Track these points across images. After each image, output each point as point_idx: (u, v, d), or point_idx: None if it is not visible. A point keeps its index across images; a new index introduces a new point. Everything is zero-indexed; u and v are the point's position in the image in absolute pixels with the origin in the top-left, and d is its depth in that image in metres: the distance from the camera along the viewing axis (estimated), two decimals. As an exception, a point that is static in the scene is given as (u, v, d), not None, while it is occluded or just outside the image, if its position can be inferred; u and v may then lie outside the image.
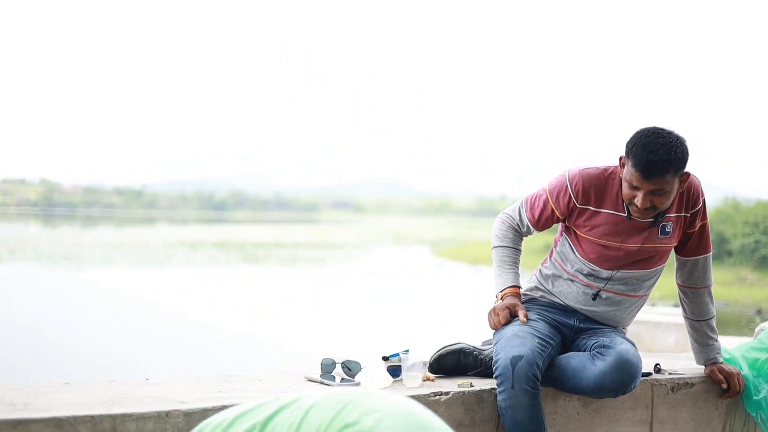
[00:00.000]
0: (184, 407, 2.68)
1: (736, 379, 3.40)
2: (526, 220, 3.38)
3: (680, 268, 3.42)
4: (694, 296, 3.41)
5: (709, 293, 3.41)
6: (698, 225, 3.32)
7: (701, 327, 3.42)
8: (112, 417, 2.59)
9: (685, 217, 3.28)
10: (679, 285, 3.43)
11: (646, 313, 11.75)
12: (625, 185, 3.13)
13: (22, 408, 2.58)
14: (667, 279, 3.49)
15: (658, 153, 3.03)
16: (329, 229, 74.43)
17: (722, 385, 3.41)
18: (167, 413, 2.64)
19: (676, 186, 3.11)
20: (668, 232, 3.25)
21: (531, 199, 3.37)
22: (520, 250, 3.42)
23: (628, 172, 3.10)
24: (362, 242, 54.87)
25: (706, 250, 3.38)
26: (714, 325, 3.44)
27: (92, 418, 2.57)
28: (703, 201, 3.33)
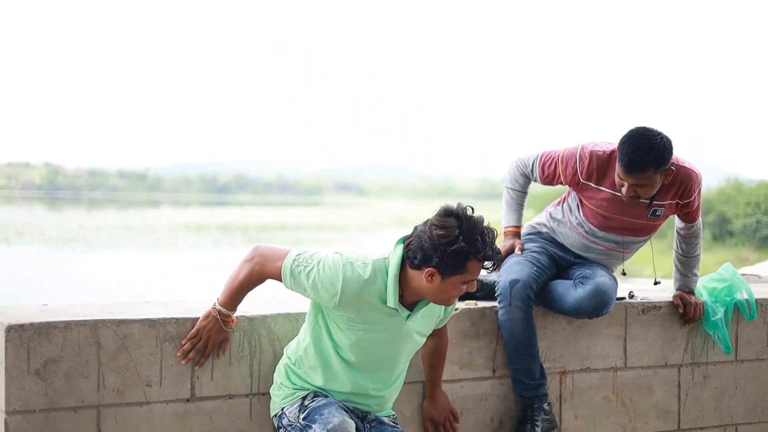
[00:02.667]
0: (249, 313, 3.36)
1: (692, 308, 4.06)
2: (536, 173, 3.95)
3: (680, 224, 3.98)
4: (688, 240, 3.99)
5: (700, 241, 4.02)
6: (694, 207, 3.86)
7: (688, 261, 4.02)
8: (192, 319, 3.27)
9: (678, 203, 3.82)
10: (678, 233, 3.99)
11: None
12: (615, 175, 3.73)
13: (121, 314, 3.26)
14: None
15: (640, 153, 3.55)
16: (332, 212, 74.85)
17: (679, 310, 4.07)
18: (242, 316, 3.31)
19: (658, 180, 3.63)
20: (659, 215, 3.85)
21: (545, 157, 3.90)
22: (527, 193, 4.02)
23: (616, 166, 3.68)
24: (366, 225, 55.34)
25: (697, 217, 3.94)
26: (698, 265, 4.07)
27: (177, 320, 3.25)
28: (698, 191, 3.83)
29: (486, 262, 2.98)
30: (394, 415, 3.33)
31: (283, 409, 3.18)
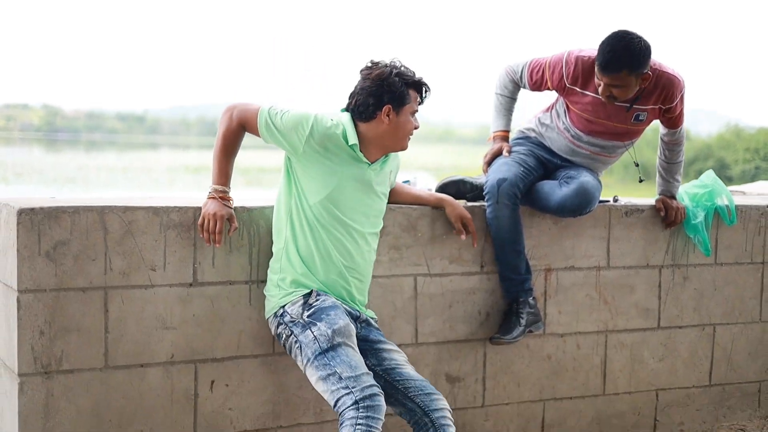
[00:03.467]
0: (248, 204, 3.53)
1: (673, 211, 4.23)
2: (525, 79, 4.08)
3: (663, 131, 4.13)
4: (672, 147, 4.14)
5: (683, 148, 4.17)
6: (677, 112, 4.00)
7: (670, 168, 4.17)
8: (194, 208, 3.44)
9: (661, 108, 3.96)
10: (662, 139, 4.15)
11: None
12: (595, 76, 3.89)
13: (128, 199, 3.43)
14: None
15: (616, 53, 3.69)
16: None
17: (660, 213, 4.24)
18: (234, 208, 3.47)
19: (633, 82, 3.74)
20: (641, 120, 4.01)
21: (533, 64, 4.02)
22: (516, 99, 4.15)
23: (595, 65, 3.84)
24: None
25: (680, 124, 4.08)
26: (680, 171, 4.21)
27: (180, 208, 3.42)
28: (681, 97, 3.95)
29: (422, 89, 3.37)
30: (375, 317, 3.53)
31: (284, 306, 3.32)
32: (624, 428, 4.30)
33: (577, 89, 3.91)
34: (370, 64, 3.37)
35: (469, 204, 3.94)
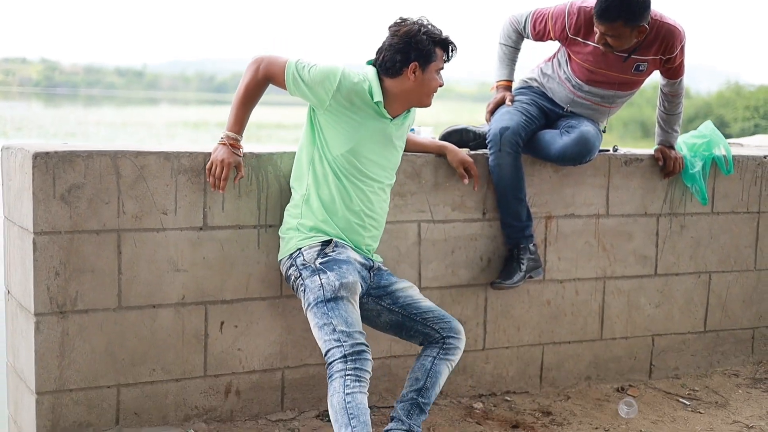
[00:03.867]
0: (256, 151, 3.61)
1: (672, 161, 4.31)
2: (528, 29, 4.14)
3: (663, 81, 4.19)
4: (671, 99, 4.21)
5: (682, 100, 4.24)
6: (677, 63, 4.06)
7: (669, 118, 4.25)
8: (204, 154, 3.52)
9: (661, 59, 4.02)
10: (661, 90, 4.22)
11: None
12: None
13: (138, 146, 3.51)
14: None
15: (613, 3, 3.74)
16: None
17: (659, 163, 4.33)
18: (244, 154, 3.56)
19: (628, 34, 3.80)
20: (642, 70, 4.08)
21: (537, 14, 4.08)
22: (519, 49, 4.21)
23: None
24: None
25: (681, 74, 4.16)
26: (679, 122, 4.29)
27: (190, 153, 3.50)
28: (681, 47, 4.02)
29: (449, 47, 3.42)
30: (382, 261, 3.62)
31: (300, 249, 3.37)
32: (620, 372, 4.43)
33: (579, 39, 3.97)
34: (399, 21, 3.40)
35: (472, 152, 4.02)
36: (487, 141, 3.98)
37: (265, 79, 3.40)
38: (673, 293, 4.49)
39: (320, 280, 3.27)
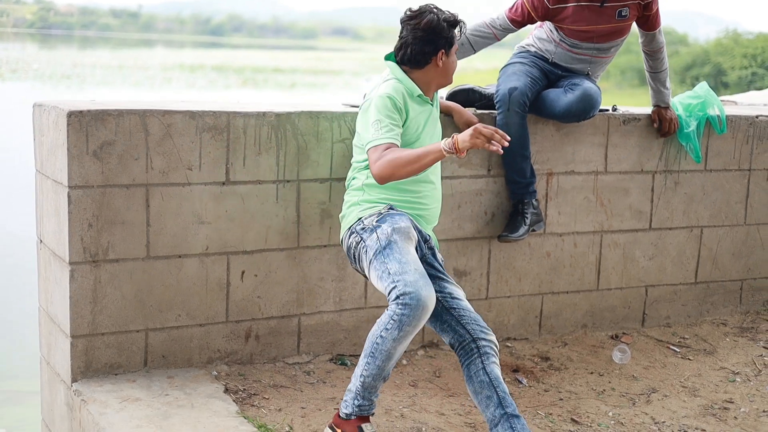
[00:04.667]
0: (276, 110, 3.82)
1: (667, 123, 4.53)
2: (509, 25, 4.25)
3: (643, 38, 4.44)
4: (654, 56, 4.45)
5: (664, 54, 4.46)
6: (654, 9, 4.30)
7: (657, 76, 4.46)
8: (227, 113, 3.73)
9: (640, 4, 4.26)
10: (643, 50, 4.45)
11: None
12: None
13: (165, 105, 3.71)
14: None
15: None
16: (328, 56, 74.55)
17: (654, 125, 4.54)
18: (264, 113, 3.78)
19: None
20: (624, 16, 4.25)
21: (511, 9, 4.25)
22: (488, 40, 4.30)
23: None
24: (361, 70, 55.33)
25: (657, 26, 4.39)
26: (668, 79, 4.49)
27: (214, 112, 3.71)
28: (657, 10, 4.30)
29: (461, 26, 3.60)
30: (438, 246, 3.67)
31: (361, 218, 3.47)
32: (615, 321, 4.68)
33: (559, 6, 4.18)
34: (412, 14, 3.54)
35: (479, 111, 4.23)
36: (495, 101, 4.18)
37: (391, 167, 3.31)
38: (666, 246, 4.73)
39: (376, 234, 3.36)
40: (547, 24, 4.34)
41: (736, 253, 4.94)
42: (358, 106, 4.05)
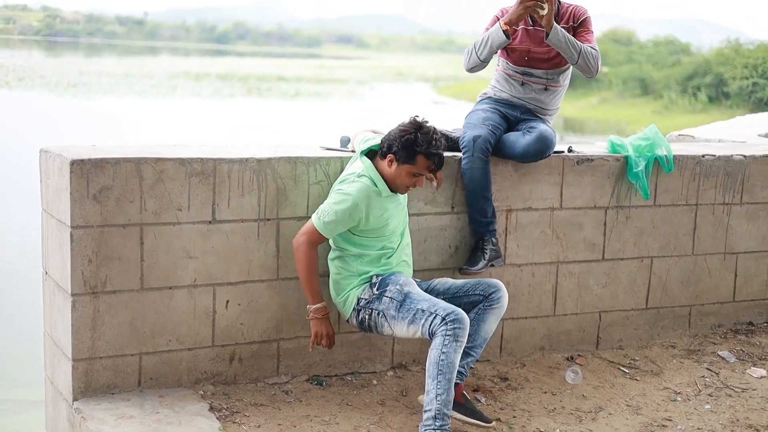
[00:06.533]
0: (257, 156, 4.25)
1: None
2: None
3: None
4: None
5: (596, 61, 4.66)
6: (588, 32, 4.72)
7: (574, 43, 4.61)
8: (213, 159, 4.16)
9: (573, 27, 4.70)
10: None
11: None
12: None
13: (157, 153, 4.15)
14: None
15: None
16: (332, 64, 75.01)
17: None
18: (246, 159, 4.21)
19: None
20: None
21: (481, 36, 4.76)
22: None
23: None
24: (364, 79, 55.76)
25: (593, 41, 4.73)
26: (576, 45, 4.58)
27: (201, 159, 4.14)
28: (587, 18, 4.70)
29: (432, 159, 4.03)
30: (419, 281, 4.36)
31: (358, 298, 4.11)
32: (570, 344, 5.11)
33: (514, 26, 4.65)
34: (409, 122, 4.07)
35: (446, 153, 4.64)
36: (461, 146, 4.60)
37: (311, 249, 4.06)
38: (618, 275, 5.16)
39: (386, 297, 4.03)
40: (498, 65, 4.81)
41: (685, 281, 5.37)
42: (334, 149, 4.52)
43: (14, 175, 15.23)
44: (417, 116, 4.09)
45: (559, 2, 4.71)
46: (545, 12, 4.45)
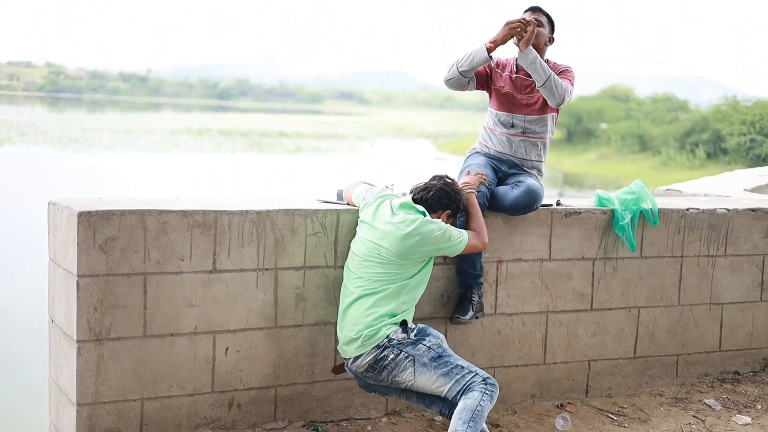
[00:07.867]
0: (257, 208, 4.44)
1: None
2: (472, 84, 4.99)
3: None
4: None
5: (564, 89, 4.83)
6: (567, 75, 4.93)
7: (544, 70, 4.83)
8: (214, 212, 4.35)
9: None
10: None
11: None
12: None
13: (160, 206, 4.34)
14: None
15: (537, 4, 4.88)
16: (333, 120, 75.66)
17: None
18: (246, 211, 4.40)
19: (546, 23, 4.85)
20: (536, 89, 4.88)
21: None
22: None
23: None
24: (365, 134, 56.22)
25: (567, 80, 4.93)
26: (546, 70, 4.78)
27: (203, 211, 4.33)
28: (568, 69, 4.94)
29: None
30: None
31: (388, 336, 4.17)
32: (560, 392, 5.25)
33: (498, 71, 4.95)
34: (446, 180, 4.46)
35: (436, 207, 4.83)
36: (458, 203, 4.79)
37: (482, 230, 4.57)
38: (606, 325, 5.32)
39: (425, 345, 4.17)
40: (487, 117, 5.06)
41: (671, 331, 5.52)
42: (330, 202, 4.70)
43: (16, 229, 15.41)
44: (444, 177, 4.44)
45: (551, 38, 4.94)
46: (528, 35, 4.72)
